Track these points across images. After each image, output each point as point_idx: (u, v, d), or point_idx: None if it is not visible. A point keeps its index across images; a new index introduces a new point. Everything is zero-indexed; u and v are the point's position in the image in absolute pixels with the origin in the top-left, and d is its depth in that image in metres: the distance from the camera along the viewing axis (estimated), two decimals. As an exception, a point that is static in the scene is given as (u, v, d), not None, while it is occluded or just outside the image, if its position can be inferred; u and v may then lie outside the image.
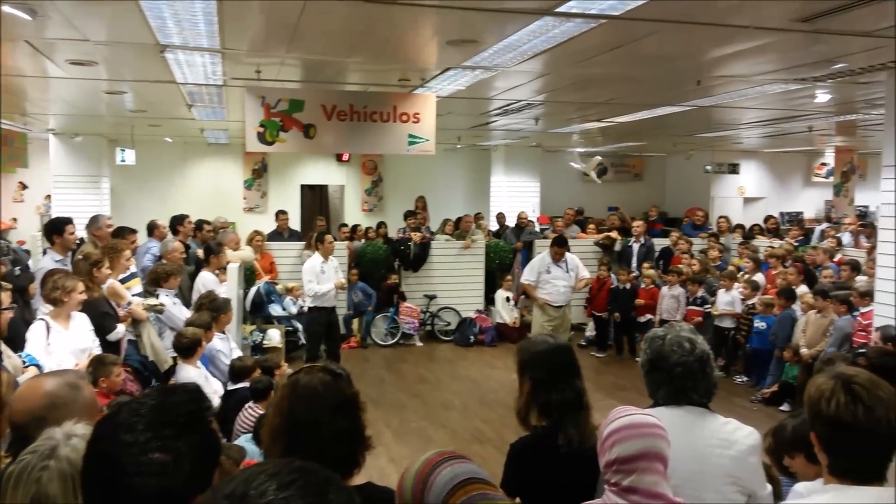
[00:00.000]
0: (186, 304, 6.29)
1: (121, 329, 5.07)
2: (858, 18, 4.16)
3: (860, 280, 7.38)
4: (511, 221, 12.22)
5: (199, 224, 8.65)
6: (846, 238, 10.04)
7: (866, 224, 10.48)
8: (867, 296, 6.47)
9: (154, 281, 5.97)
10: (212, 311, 5.50)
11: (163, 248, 6.91)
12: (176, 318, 5.77)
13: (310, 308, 7.91)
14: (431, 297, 10.54)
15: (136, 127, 10.53)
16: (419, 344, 10.28)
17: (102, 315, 4.92)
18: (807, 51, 5.17)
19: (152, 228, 7.87)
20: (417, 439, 6.47)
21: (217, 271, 6.88)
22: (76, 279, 4.64)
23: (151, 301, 5.71)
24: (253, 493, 0.88)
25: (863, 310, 6.54)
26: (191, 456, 1.23)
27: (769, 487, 2.31)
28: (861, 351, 2.51)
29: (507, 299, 10.64)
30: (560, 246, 7.78)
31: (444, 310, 10.64)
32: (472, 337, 10.33)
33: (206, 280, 6.63)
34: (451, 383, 8.41)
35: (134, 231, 7.19)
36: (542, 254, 7.97)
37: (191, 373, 4.75)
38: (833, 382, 1.74)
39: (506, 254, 11.05)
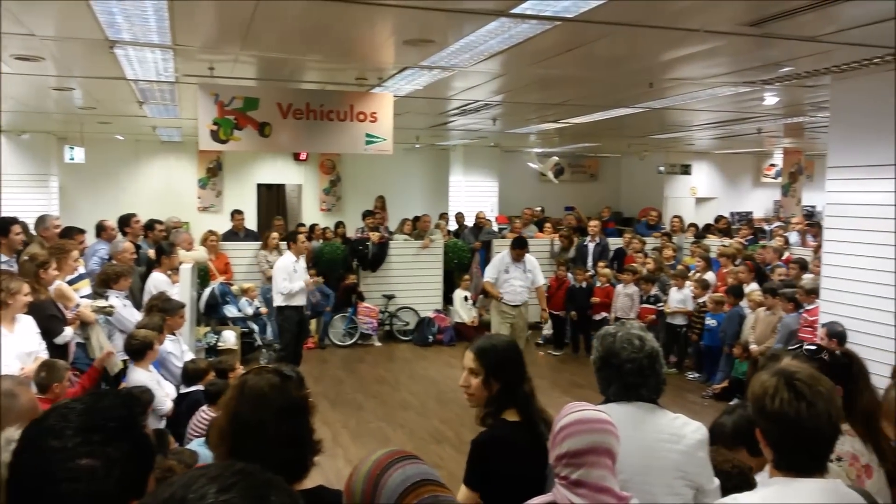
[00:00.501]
0: (137, 305, 6.15)
1: (68, 332, 4.93)
2: (804, 24, 4.29)
3: (806, 278, 7.61)
4: (470, 221, 12.27)
5: (151, 224, 8.46)
6: (794, 237, 10.34)
7: (813, 223, 10.82)
8: (813, 293, 6.67)
9: (103, 282, 5.83)
10: (163, 312, 5.39)
11: (112, 248, 6.74)
12: (126, 320, 5.64)
13: (281, 307, 7.84)
14: (390, 297, 10.51)
15: (86, 124, 10.25)
16: (378, 344, 10.24)
17: (49, 318, 4.78)
18: (755, 54, 5.31)
19: (101, 229, 7.67)
20: (375, 440, 6.45)
21: (169, 272, 6.74)
22: (21, 281, 4.49)
23: (100, 303, 5.56)
24: (192, 496, 0.87)
25: (808, 307, 6.74)
26: (122, 462, 1.21)
27: (716, 481, 2.37)
28: (810, 347, 2.59)
29: (466, 299, 10.68)
30: (520, 248, 7.85)
31: (402, 310, 10.62)
32: (430, 337, 10.34)
33: (157, 281, 6.49)
34: (409, 383, 8.40)
35: (82, 231, 7.00)
36: (502, 253, 8.00)
37: (142, 376, 4.64)
38: (776, 379, 1.79)
39: (464, 253, 11.09)
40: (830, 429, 1.75)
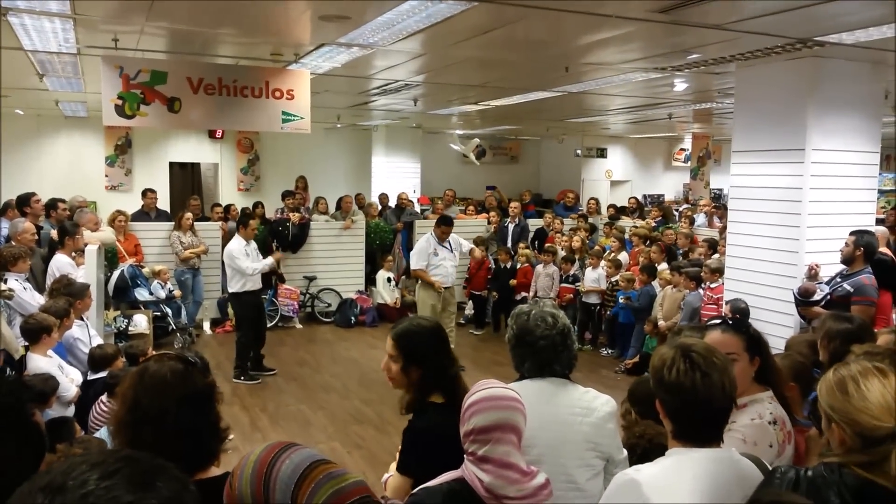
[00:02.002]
0: (40, 289, 5.84)
1: (-39, 319, 4.63)
2: (711, 11, 4.45)
3: (714, 258, 7.97)
4: (392, 202, 12.22)
5: (54, 203, 8.00)
6: (701, 219, 10.80)
7: (719, 206, 11.33)
8: (717, 272, 6.99)
9: (0, 265, 5.49)
10: (68, 296, 5.13)
11: (11, 229, 6.36)
12: (28, 303, 5.34)
13: (237, 294, 7.59)
14: (311, 279, 10.37)
15: (-21, 97, 9.59)
16: (299, 326, 10.10)
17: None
18: (666, 41, 5.48)
19: (5, 209, 7.21)
20: (295, 423, 6.38)
21: (74, 254, 6.42)
22: None
23: (-2, 286, 5.25)
24: (72, 483, 0.82)
25: (713, 285, 7.06)
26: (8, 449, 1.15)
27: (625, 452, 2.46)
28: (714, 322, 2.71)
29: (389, 280, 10.65)
30: (446, 225, 7.85)
31: (324, 291, 10.50)
32: (353, 318, 10.28)
33: (60, 263, 6.17)
34: (330, 365, 8.34)
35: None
36: (426, 236, 7.94)
37: (40, 362, 4.41)
38: (673, 351, 1.87)
39: (386, 234, 11.05)
40: (724, 399, 1.84)
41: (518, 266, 9.74)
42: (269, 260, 7.75)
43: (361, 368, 8.15)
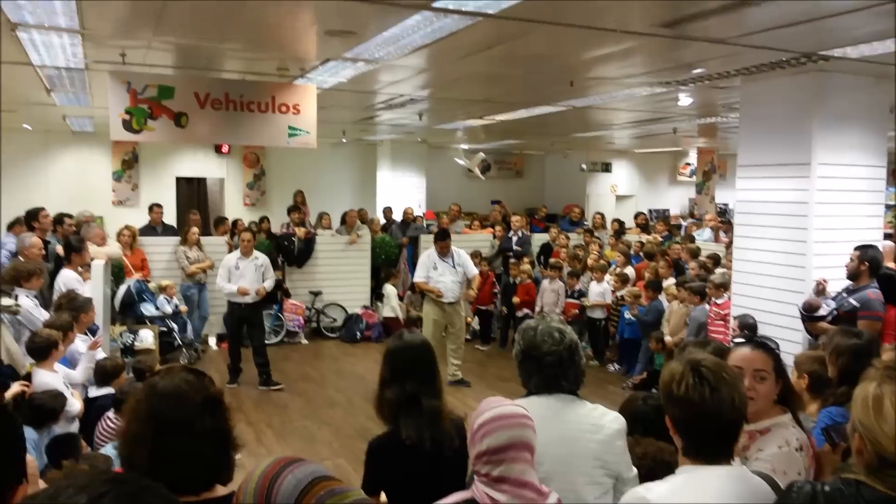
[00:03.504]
0: (46, 304, 5.83)
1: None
2: (714, 26, 4.46)
3: (718, 272, 7.93)
4: (397, 217, 12.22)
5: (60, 218, 8.04)
6: (706, 233, 10.76)
7: (725, 220, 11.29)
8: (722, 287, 6.95)
9: (14, 280, 5.49)
10: (72, 311, 5.14)
11: (19, 243, 6.37)
12: (37, 319, 5.32)
13: (228, 301, 7.97)
14: (317, 294, 10.36)
15: (-11, 112, 9.67)
16: (304, 342, 10.08)
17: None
18: (670, 55, 5.49)
19: (13, 224, 7.25)
20: (300, 439, 6.34)
21: (80, 269, 6.43)
22: None
23: (5, 301, 5.24)
24: None
25: (718, 300, 7.00)
26: None
27: (634, 470, 2.43)
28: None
29: (397, 294, 10.63)
30: (443, 239, 7.79)
31: (329, 306, 10.49)
32: (358, 333, 10.24)
33: (67, 278, 6.17)
34: (336, 380, 8.30)
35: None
36: (429, 250, 7.93)
37: (47, 378, 4.41)
38: (683, 366, 1.85)
39: (392, 249, 11.04)
40: (734, 414, 1.82)
41: (518, 282, 9.69)
42: (233, 288, 7.68)
43: (367, 384, 8.08)
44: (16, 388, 4.19)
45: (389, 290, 10.62)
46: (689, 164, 16.24)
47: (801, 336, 5.68)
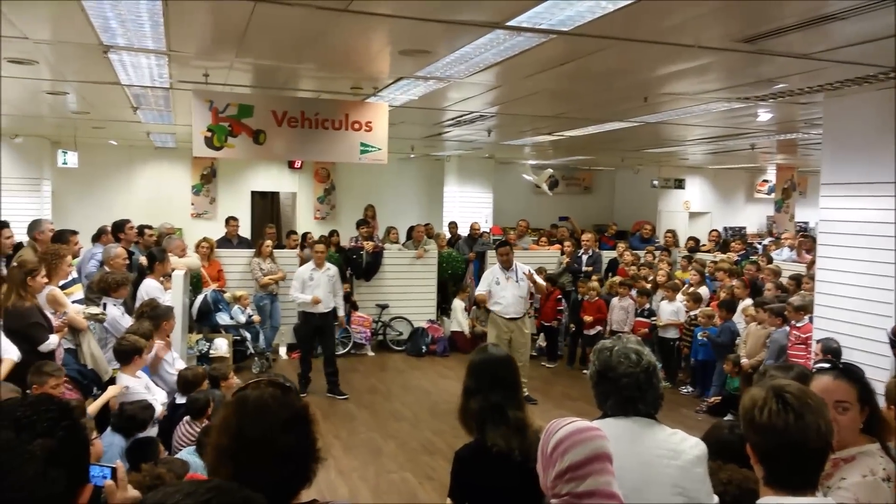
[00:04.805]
0: (129, 312, 6.10)
1: (53, 340, 4.83)
2: (796, 41, 4.31)
3: (800, 294, 7.61)
4: (464, 232, 12.26)
5: (142, 230, 8.42)
6: (785, 253, 10.36)
7: (808, 236, 10.83)
8: (801, 310, 6.66)
9: (103, 290, 5.78)
10: (153, 319, 5.35)
11: (105, 254, 6.69)
12: (122, 328, 5.58)
13: (299, 312, 8.23)
14: (383, 307, 10.48)
15: (80, 129, 10.22)
16: (371, 354, 10.20)
17: (32, 325, 4.71)
18: (749, 71, 5.34)
19: (100, 234, 7.63)
20: (366, 451, 6.40)
21: (162, 279, 6.70)
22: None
23: (93, 310, 5.51)
24: None
25: (798, 324, 6.72)
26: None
27: (715, 498, 2.34)
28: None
29: (465, 309, 10.65)
30: (501, 247, 7.83)
31: (396, 319, 10.58)
32: (424, 347, 10.30)
33: (149, 288, 6.44)
34: (401, 394, 8.36)
35: (75, 233, 6.96)
36: (493, 266, 7.95)
37: (130, 382, 4.60)
38: (765, 392, 1.79)
39: (458, 264, 11.07)
40: (819, 442, 1.74)
41: (584, 299, 9.53)
42: (307, 297, 7.88)
43: (432, 398, 8.13)
44: (100, 402, 4.40)
45: (457, 304, 10.65)
46: (766, 180, 15.70)
47: (889, 362, 5.38)
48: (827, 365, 2.50)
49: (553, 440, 1.87)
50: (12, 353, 4.44)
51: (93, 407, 4.41)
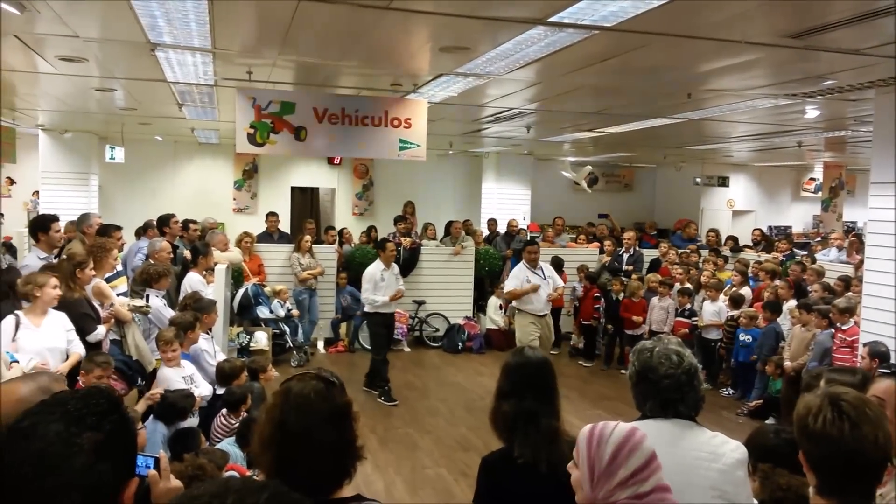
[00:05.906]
0: (172, 305, 6.24)
1: (101, 331, 4.99)
2: (846, 37, 4.20)
3: (846, 296, 7.40)
4: (502, 229, 12.22)
5: (186, 224, 8.59)
6: (832, 253, 10.08)
7: (857, 235, 10.51)
8: (847, 312, 6.48)
9: (145, 281, 5.92)
10: (196, 311, 5.46)
11: (150, 247, 6.85)
12: (165, 319, 5.72)
13: (368, 314, 8.09)
14: (420, 303, 10.51)
15: (127, 125, 10.47)
16: (407, 349, 10.24)
17: (82, 316, 4.85)
18: (797, 67, 5.21)
19: (146, 228, 7.79)
20: (403, 446, 6.44)
21: (204, 272, 6.83)
22: (49, 275, 4.57)
23: (137, 302, 5.65)
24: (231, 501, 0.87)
25: (844, 326, 6.53)
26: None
27: (755, 502, 2.30)
28: (885, 371, 2.48)
29: (500, 307, 10.63)
30: (531, 245, 7.84)
31: (432, 316, 10.61)
32: (460, 343, 10.31)
33: (192, 281, 6.58)
34: (437, 390, 8.38)
35: (119, 228, 7.14)
36: (520, 264, 7.91)
37: (170, 373, 4.71)
38: (821, 399, 1.74)
39: (495, 261, 11.04)
40: (876, 453, 1.69)
41: (623, 297, 9.41)
42: (386, 298, 7.83)
43: (468, 395, 8.14)
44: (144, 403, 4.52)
45: (493, 301, 10.63)
46: (814, 178, 15.30)
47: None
48: (888, 370, 2.42)
49: (609, 449, 1.78)
50: (80, 349, 4.59)
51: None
